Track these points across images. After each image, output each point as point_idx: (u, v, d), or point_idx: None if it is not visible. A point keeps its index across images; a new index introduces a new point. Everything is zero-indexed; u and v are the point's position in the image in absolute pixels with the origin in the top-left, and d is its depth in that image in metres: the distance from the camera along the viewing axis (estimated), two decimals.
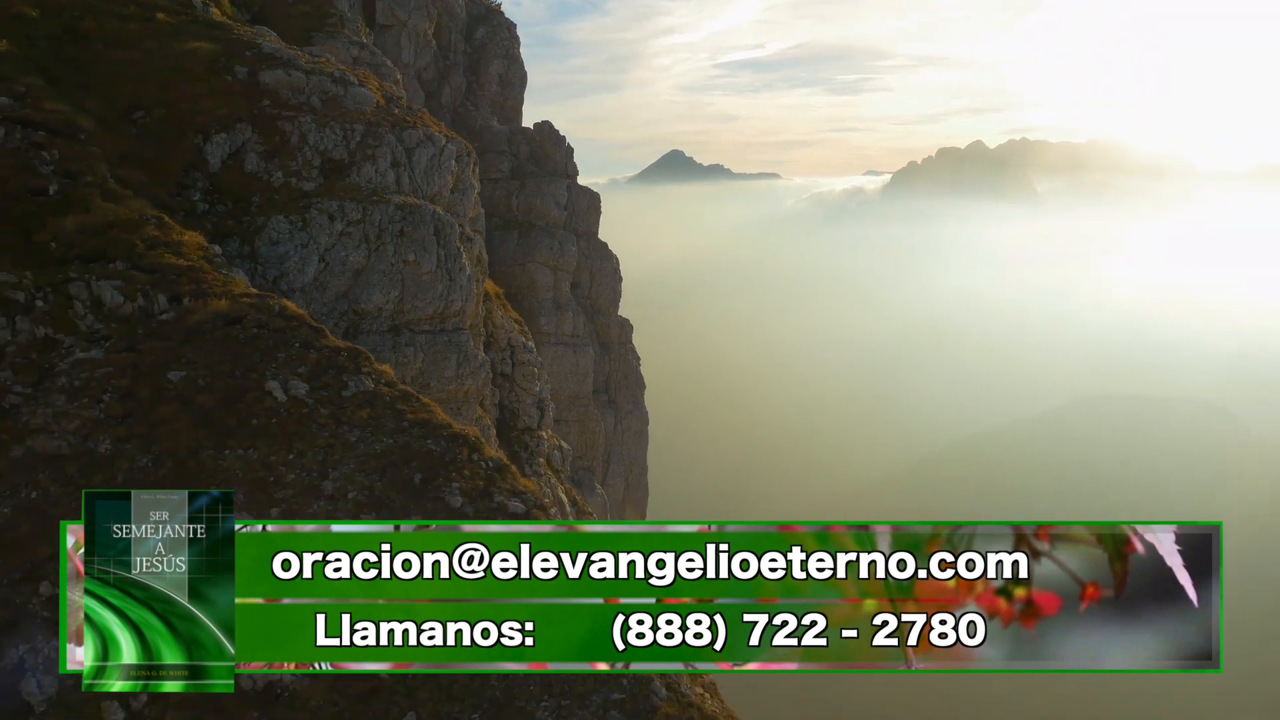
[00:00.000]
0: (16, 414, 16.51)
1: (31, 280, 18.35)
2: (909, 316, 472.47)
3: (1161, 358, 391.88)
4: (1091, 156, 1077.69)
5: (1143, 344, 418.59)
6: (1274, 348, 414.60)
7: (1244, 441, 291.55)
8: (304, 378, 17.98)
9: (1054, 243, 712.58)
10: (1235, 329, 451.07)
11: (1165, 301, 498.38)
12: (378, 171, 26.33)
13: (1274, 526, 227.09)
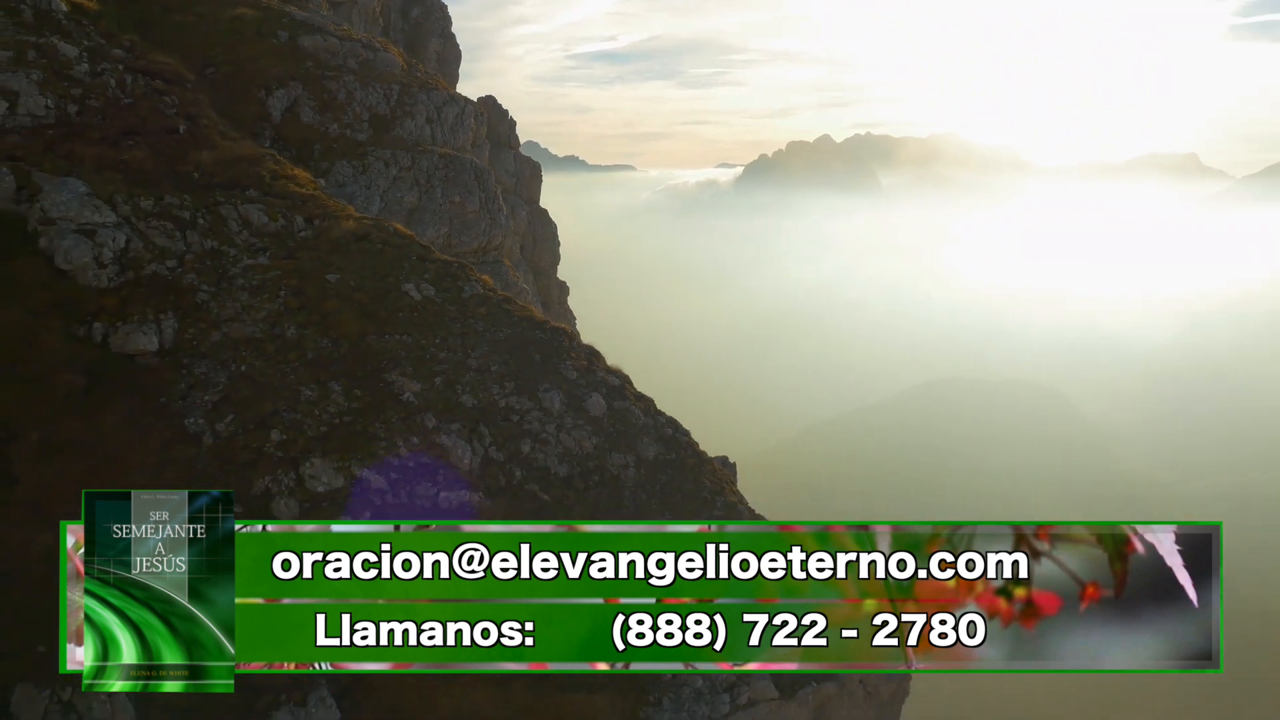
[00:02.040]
0: (207, 308, 20.00)
1: (191, 202, 21.71)
2: (761, 306, 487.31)
3: (1000, 344, 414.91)
4: (933, 151, 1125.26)
5: (982, 331, 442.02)
6: (1103, 333, 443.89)
7: (1075, 422, 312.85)
8: (430, 281, 21.92)
9: (898, 234, 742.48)
10: (1067, 316, 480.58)
11: (1002, 291, 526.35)
12: (416, 126, 30.08)
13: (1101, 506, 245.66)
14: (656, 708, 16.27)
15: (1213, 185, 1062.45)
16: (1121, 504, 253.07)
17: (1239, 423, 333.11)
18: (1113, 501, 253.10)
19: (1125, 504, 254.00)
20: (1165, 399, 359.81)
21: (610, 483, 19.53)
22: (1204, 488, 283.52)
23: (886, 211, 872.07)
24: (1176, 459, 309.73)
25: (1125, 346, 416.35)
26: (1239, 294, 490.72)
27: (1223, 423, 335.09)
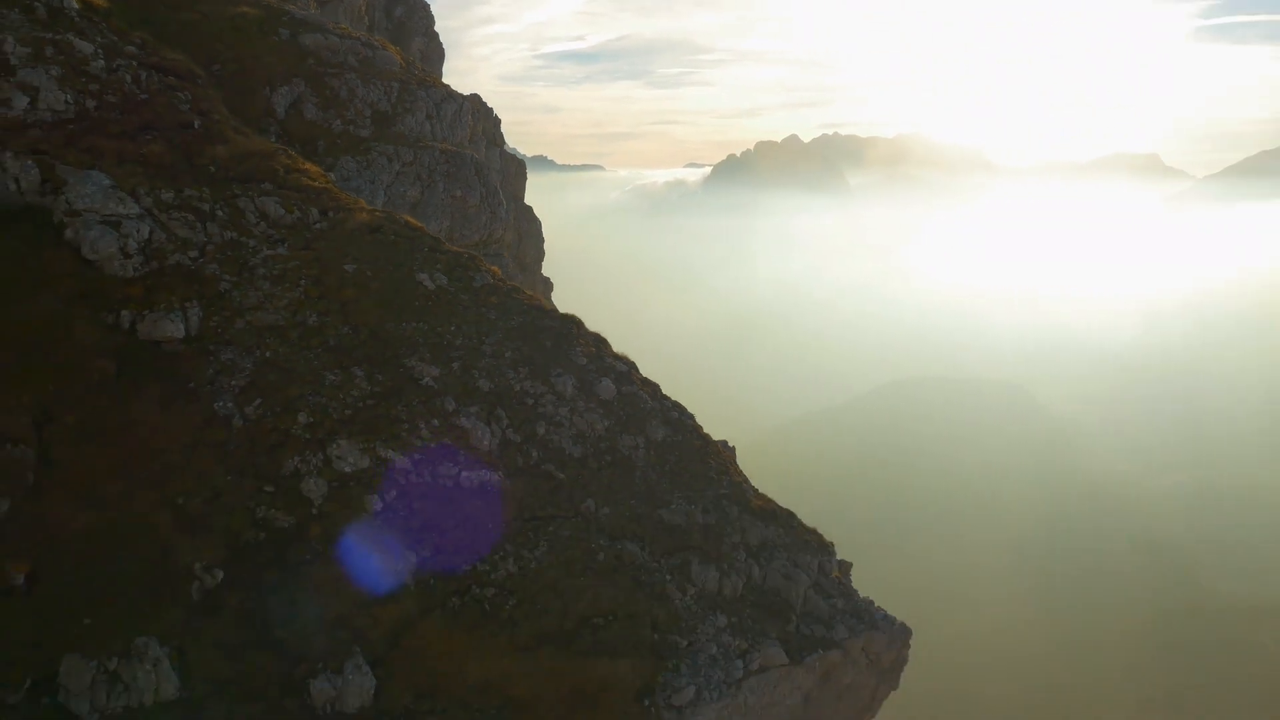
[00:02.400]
0: (230, 297, 20.63)
1: (209, 195, 22.30)
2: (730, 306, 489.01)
3: (966, 343, 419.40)
4: (900, 151, 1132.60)
5: (948, 330, 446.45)
6: (1068, 332, 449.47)
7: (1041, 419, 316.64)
8: (443, 271, 22.65)
9: (866, 234, 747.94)
10: (1033, 315, 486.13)
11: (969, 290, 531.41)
12: (416, 122, 30.71)
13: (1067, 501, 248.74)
14: (674, 673, 17.12)
15: (1175, 185, 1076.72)
16: (1086, 499, 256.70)
17: (1200, 419, 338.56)
18: (1077, 497, 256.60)
19: (1090, 499, 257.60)
20: (1128, 396, 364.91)
21: (622, 463, 20.36)
22: (1166, 483, 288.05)
23: (854, 211, 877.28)
24: (1140, 455, 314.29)
25: (1090, 344, 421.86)
26: (1200, 292, 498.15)
27: (1185, 419, 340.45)
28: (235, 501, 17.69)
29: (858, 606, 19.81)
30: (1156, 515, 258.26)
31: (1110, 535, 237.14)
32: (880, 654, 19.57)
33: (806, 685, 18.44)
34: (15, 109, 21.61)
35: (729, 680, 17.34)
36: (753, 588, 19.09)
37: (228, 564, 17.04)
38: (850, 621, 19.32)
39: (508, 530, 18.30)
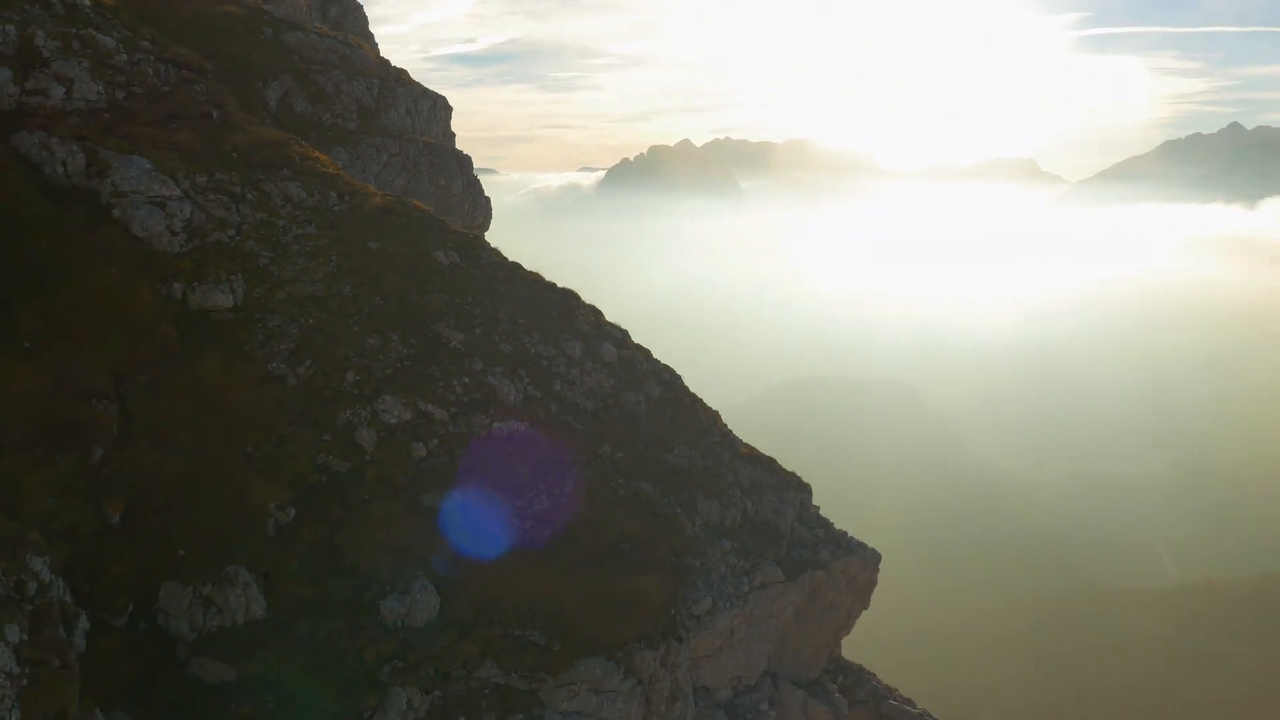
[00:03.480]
0: (269, 271, 22.63)
1: (238, 179, 24.21)
2: (624, 309, 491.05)
3: (855, 343, 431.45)
4: (790, 155, 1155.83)
5: (838, 331, 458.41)
6: (950, 331, 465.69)
7: (927, 416, 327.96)
8: (454, 249, 24.96)
9: (758, 237, 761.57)
10: (917, 315, 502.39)
11: (857, 291, 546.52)
12: (398, 116, 32.80)
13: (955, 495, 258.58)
14: (693, 588, 19.85)
15: (1051, 189, 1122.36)
16: (973, 493, 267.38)
17: (1077, 413, 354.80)
18: (965, 491, 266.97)
19: (976, 493, 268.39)
20: (1009, 392, 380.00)
21: (627, 416, 23.00)
22: (1047, 475, 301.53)
23: (747, 215, 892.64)
24: (1021, 448, 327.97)
25: (971, 342, 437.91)
26: (1075, 291, 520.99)
27: (1063, 413, 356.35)
28: (298, 449, 19.81)
29: (836, 535, 22.84)
30: (1037, 505, 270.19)
31: (995, 525, 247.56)
32: (856, 575, 22.60)
33: (798, 601, 21.36)
34: (53, 98, 23.24)
35: (738, 594, 20.15)
36: (748, 519, 21.93)
37: (297, 502, 19.18)
38: (831, 547, 22.32)
39: (538, 471, 20.78)
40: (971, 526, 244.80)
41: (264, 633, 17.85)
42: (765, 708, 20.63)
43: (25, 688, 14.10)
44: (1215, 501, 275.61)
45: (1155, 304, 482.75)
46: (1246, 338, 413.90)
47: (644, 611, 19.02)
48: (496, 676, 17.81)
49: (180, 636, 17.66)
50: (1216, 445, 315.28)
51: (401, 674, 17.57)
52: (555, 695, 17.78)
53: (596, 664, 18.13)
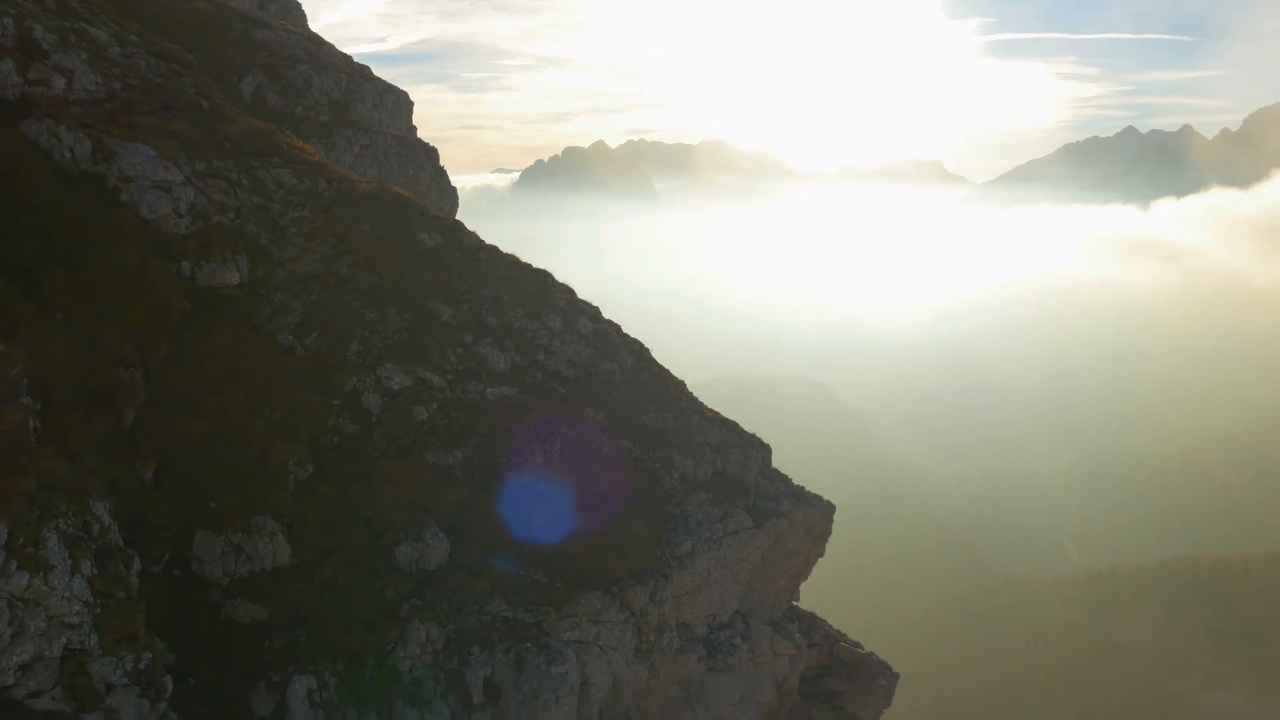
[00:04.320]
0: (269, 251, 24.21)
1: (233, 166, 25.67)
2: None
3: (769, 342, 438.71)
4: (704, 157, 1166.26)
5: (753, 330, 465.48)
6: (860, 329, 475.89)
7: (841, 414, 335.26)
8: (437, 231, 26.75)
9: (673, 238, 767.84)
10: (829, 314, 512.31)
11: (771, 290, 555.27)
12: (366, 110, 34.34)
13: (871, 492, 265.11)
14: (675, 533, 22.00)
15: (956, 190, 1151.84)
16: (887, 488, 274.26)
17: (985, 409, 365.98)
18: (879, 486, 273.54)
19: (890, 488, 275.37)
20: (920, 389, 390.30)
21: (605, 383, 25.07)
22: (957, 470, 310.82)
23: (662, 216, 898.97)
24: (932, 444, 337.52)
25: (883, 341, 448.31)
26: (981, 290, 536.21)
27: (971, 409, 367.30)
28: (311, 413, 21.49)
29: (794, 490, 25.20)
30: (948, 499, 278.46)
31: (908, 519, 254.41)
32: (814, 524, 24.99)
33: (764, 546, 23.64)
34: (56, 89, 24.45)
35: (713, 538, 22.35)
36: (718, 473, 24.16)
37: (314, 460, 20.87)
38: (791, 499, 24.67)
39: (530, 431, 22.74)
40: (885, 521, 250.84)
41: (291, 577, 19.53)
42: (738, 641, 22.88)
43: (99, 615, 15.70)
44: (1116, 492, 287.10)
45: (1057, 303, 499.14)
46: (1143, 335, 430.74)
47: (634, 552, 21.13)
48: (505, 611, 19.77)
49: (213, 581, 19.25)
50: (1116, 439, 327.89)
51: (419, 610, 19.42)
52: (558, 626, 19.81)
53: (594, 598, 20.21)
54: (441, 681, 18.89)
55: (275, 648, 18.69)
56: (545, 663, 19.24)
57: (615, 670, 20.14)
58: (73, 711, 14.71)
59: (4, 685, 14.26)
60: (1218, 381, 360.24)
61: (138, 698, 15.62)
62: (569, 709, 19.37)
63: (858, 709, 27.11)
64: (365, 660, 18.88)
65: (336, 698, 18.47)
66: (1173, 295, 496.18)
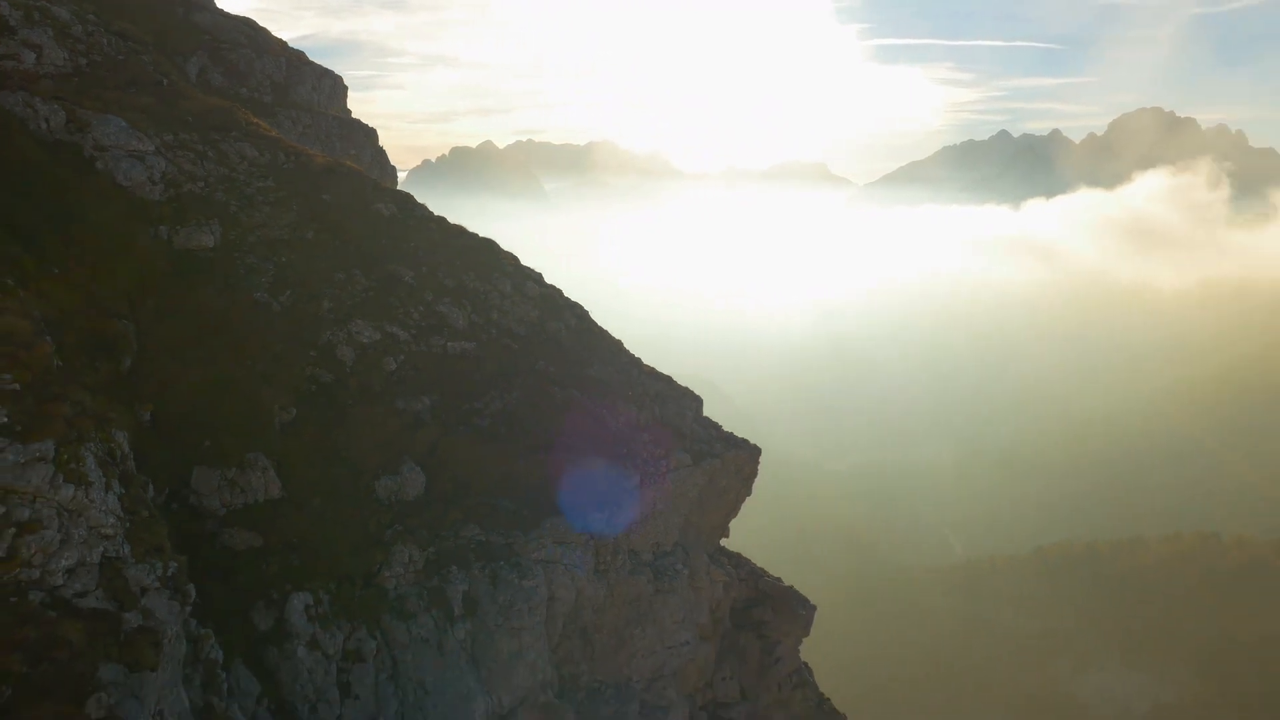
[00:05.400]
0: (239, 217, 25.85)
1: (198, 139, 27.18)
2: None
3: (660, 340, 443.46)
4: (592, 157, 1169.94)
5: (642, 329, 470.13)
6: (748, 328, 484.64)
7: (729, 411, 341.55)
8: (392, 203, 28.67)
9: (563, 238, 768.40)
10: (716, 313, 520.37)
11: (659, 290, 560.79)
12: (306, 92, 35.88)
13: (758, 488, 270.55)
14: (624, 468, 24.43)
15: (841, 191, 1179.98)
16: (776, 485, 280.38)
17: (871, 405, 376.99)
18: (769, 484, 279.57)
19: (779, 485, 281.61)
20: (808, 386, 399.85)
21: (553, 340, 27.38)
22: (844, 465, 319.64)
23: (551, 216, 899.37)
24: (820, 440, 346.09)
25: (771, 340, 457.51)
26: (866, 288, 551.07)
27: (857, 406, 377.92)
28: (291, 363, 23.32)
29: (725, 435, 27.89)
30: (836, 494, 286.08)
31: (797, 513, 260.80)
32: (744, 465, 27.71)
33: (701, 483, 26.25)
34: (26, 63, 25.70)
35: (658, 474, 24.87)
36: (657, 420, 26.69)
37: (297, 405, 22.72)
38: (723, 443, 27.35)
39: (489, 380, 24.94)
40: (774, 516, 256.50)
41: (282, 508, 21.39)
42: (680, 567, 25.46)
43: (130, 528, 17.48)
44: (993, 483, 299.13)
45: (938, 300, 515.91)
46: (1017, 331, 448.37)
47: (593, 482, 23.52)
48: (478, 535, 21.97)
49: (211, 512, 20.99)
50: (994, 431, 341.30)
51: (401, 536, 21.51)
52: (527, 547, 22.10)
53: (559, 522, 22.57)
54: (424, 597, 20.99)
55: (271, 570, 20.55)
56: (518, 578, 21.51)
57: (578, 586, 22.52)
58: (115, 610, 16.45)
59: (55, 585, 15.96)
60: (1087, 373, 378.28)
61: (169, 600, 17.41)
62: (539, 619, 21.69)
63: (780, 636, 29.96)
64: (354, 580, 20.88)
65: (330, 613, 20.43)
66: (1044, 291, 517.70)
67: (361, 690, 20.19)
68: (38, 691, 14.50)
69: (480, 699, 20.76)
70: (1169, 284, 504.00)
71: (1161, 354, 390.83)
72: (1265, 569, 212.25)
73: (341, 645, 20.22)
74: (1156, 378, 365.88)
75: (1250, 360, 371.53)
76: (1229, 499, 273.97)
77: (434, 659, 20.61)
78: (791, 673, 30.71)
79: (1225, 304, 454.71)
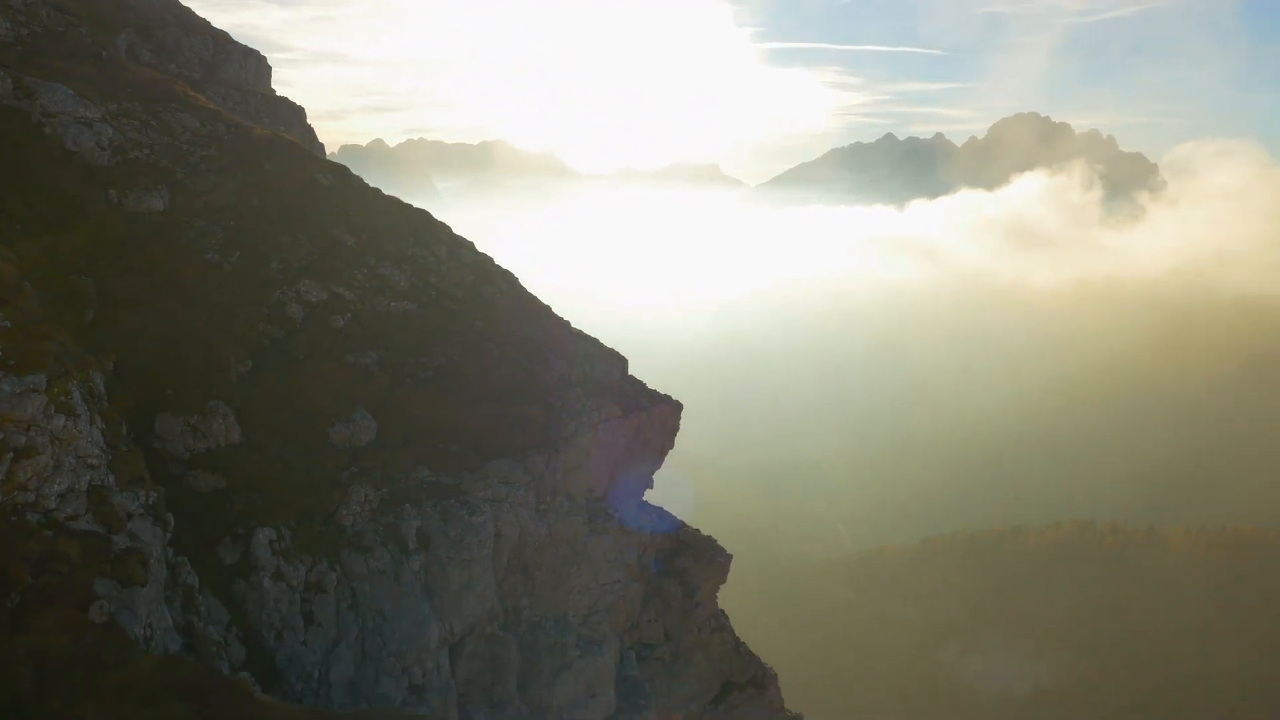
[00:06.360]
0: (185, 184, 26.90)
1: (141, 109, 28.07)
2: None
3: None
4: (485, 157, 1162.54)
5: None
6: (643, 328, 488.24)
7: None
8: (330, 173, 29.95)
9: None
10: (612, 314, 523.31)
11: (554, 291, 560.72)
12: (234, 71, 36.73)
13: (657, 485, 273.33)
14: (560, 417, 26.26)
15: (732, 192, 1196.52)
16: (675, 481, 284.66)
17: (764, 402, 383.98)
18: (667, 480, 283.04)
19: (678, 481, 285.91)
20: (701, 385, 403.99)
21: (489, 302, 29.05)
22: (742, 462, 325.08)
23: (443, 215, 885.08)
24: (715, 438, 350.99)
25: (665, 339, 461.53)
26: (758, 288, 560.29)
27: (751, 403, 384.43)
28: (244, 319, 24.54)
29: (650, 391, 29.94)
30: (731, 490, 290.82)
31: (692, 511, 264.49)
32: (668, 418, 29.77)
33: (629, 433, 28.24)
34: None
35: (591, 423, 26.77)
36: (587, 377, 28.59)
37: (252, 357, 23.97)
38: (648, 398, 29.39)
39: (432, 338, 26.50)
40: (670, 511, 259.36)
41: (243, 452, 22.66)
42: (611, 511, 27.41)
43: (112, 461, 18.70)
44: (882, 476, 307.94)
45: (828, 299, 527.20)
46: (904, 328, 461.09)
47: (531, 430, 25.31)
48: (429, 476, 23.58)
49: (175, 456, 22.16)
50: (881, 426, 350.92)
51: (356, 477, 22.98)
52: (474, 486, 23.79)
53: (503, 464, 24.31)
54: (380, 533, 22.51)
55: (236, 509, 21.85)
56: (467, 514, 23.18)
57: (522, 524, 24.28)
58: (104, 532, 17.68)
59: (49, 508, 17.15)
60: (970, 369, 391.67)
61: (152, 525, 18.69)
62: (488, 552, 23.40)
63: (700, 582, 32.10)
64: (314, 518, 22.31)
65: (293, 548, 21.82)
66: (929, 289, 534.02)
67: (324, 618, 21.64)
68: (43, 599, 15.74)
69: (434, 625, 22.39)
70: (1046, 282, 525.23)
71: (1039, 350, 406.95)
72: (1137, 554, 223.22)
73: (304, 577, 21.63)
74: (1035, 373, 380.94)
75: (1122, 355, 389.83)
76: (1104, 488, 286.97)
77: (391, 588, 22.16)
78: (710, 617, 32.92)
79: (1098, 301, 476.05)
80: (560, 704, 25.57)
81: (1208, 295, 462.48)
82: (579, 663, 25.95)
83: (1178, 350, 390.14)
